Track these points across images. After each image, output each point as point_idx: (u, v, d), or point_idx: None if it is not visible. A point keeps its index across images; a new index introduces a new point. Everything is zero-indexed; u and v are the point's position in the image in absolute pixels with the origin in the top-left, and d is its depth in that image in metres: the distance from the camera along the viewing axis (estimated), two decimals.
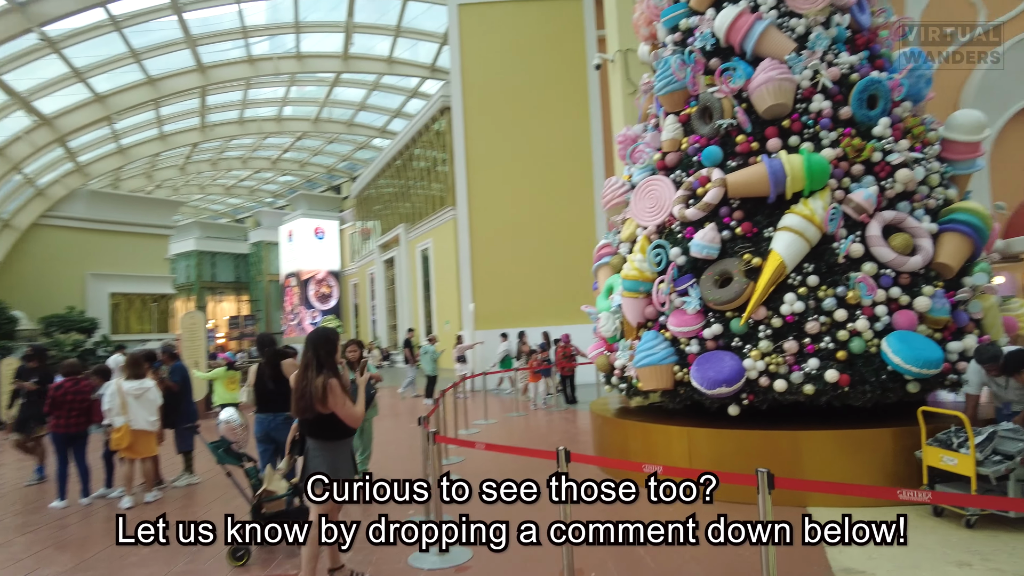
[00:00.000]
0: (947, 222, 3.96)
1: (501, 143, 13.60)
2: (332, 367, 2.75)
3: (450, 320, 17.22)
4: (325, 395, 2.67)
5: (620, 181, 5.34)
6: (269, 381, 4.09)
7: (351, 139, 28.93)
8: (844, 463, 3.55)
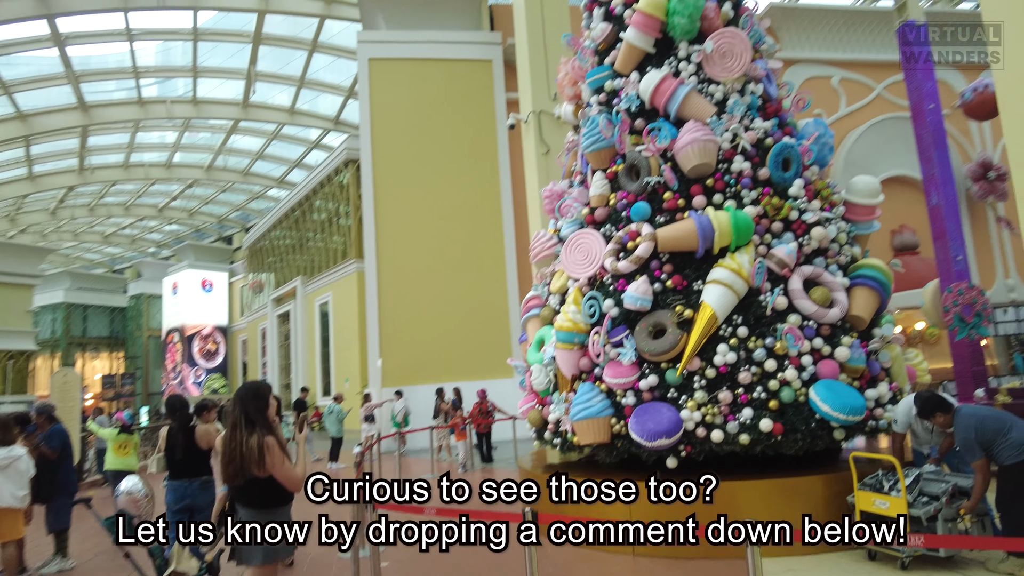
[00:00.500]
0: (856, 277, 4.25)
1: (411, 197, 13.51)
2: (266, 424, 2.46)
3: (350, 378, 16.52)
4: (262, 456, 2.36)
5: (548, 234, 5.38)
6: (180, 448, 3.65)
7: (246, 188, 27.88)
8: (781, 510, 3.59)
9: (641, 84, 4.88)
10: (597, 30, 5.38)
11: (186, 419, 3.74)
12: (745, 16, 5.10)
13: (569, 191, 5.39)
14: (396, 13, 14.56)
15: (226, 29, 19.10)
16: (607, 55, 5.37)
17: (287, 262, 23.15)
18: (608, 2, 5.47)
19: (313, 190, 20.04)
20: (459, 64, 14.19)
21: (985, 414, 3.35)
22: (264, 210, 28.65)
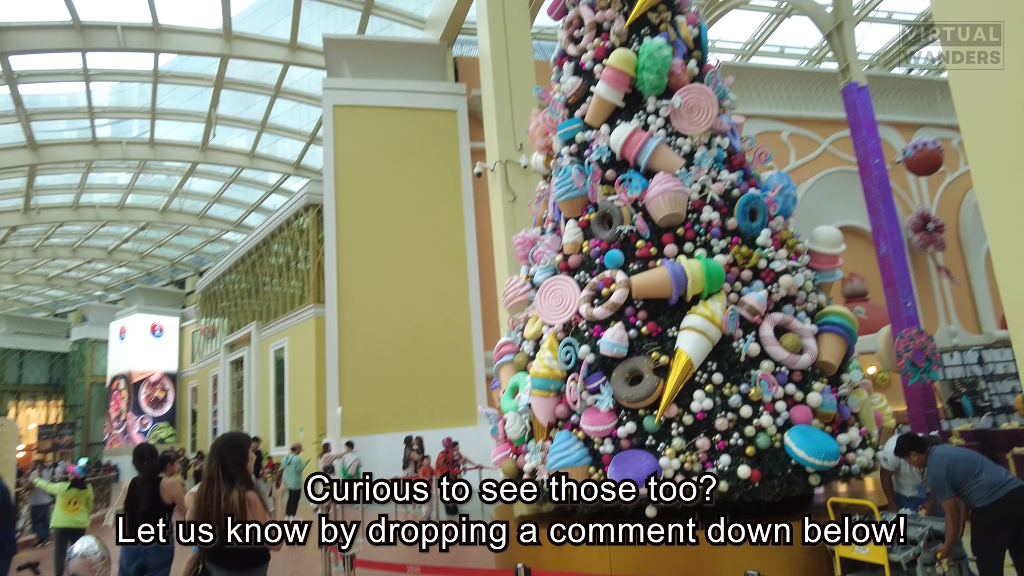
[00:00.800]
0: (824, 324, 4.37)
1: (374, 242, 13.45)
2: (246, 478, 2.35)
3: (305, 427, 16.03)
4: (244, 513, 2.25)
5: (521, 280, 5.40)
6: (145, 501, 3.44)
7: (201, 232, 27.33)
8: (758, 559, 3.59)
9: (612, 136, 5.02)
10: (568, 84, 5.53)
11: (154, 470, 3.54)
12: (710, 73, 5.34)
13: (542, 238, 5.44)
14: (361, 62, 14.76)
15: (187, 72, 19.01)
16: (577, 108, 5.52)
17: (242, 307, 22.60)
18: (578, 57, 5.65)
19: (271, 234, 19.76)
20: (424, 113, 14.39)
21: (958, 455, 3.45)
22: (219, 254, 28.06)
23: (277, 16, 36.66)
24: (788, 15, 16.37)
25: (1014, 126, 3.18)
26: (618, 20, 5.37)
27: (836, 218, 15.09)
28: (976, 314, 16.02)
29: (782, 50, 18.70)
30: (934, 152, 12.56)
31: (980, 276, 16.10)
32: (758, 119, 15.82)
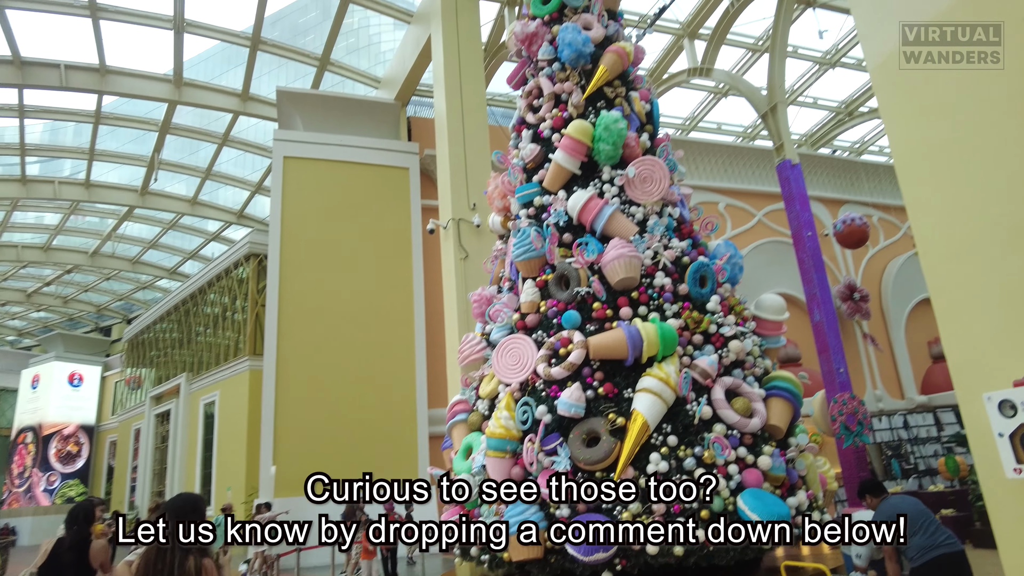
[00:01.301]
0: (771, 388, 4.54)
1: (318, 295, 13.20)
2: (201, 545, 2.22)
3: (232, 486, 15.20)
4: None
5: (477, 338, 5.41)
6: (69, 568, 3.16)
7: (133, 278, 26.25)
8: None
9: (569, 202, 5.19)
10: (527, 150, 5.72)
11: (86, 534, 3.27)
12: (661, 146, 5.63)
13: (499, 296, 5.50)
14: (314, 116, 14.81)
15: (130, 115, 18.62)
16: (535, 173, 5.70)
17: (172, 357, 21.59)
18: (536, 125, 5.88)
19: (208, 282, 19.14)
20: (375, 169, 14.46)
21: (907, 509, 3.59)
22: (151, 301, 26.91)
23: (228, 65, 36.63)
24: (726, 95, 17.48)
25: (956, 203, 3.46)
26: (576, 92, 5.64)
27: (770, 286, 15.78)
28: (899, 380, 16.85)
29: (719, 127, 19.86)
30: (861, 227, 13.44)
31: (901, 344, 17.03)
32: (697, 190, 16.58)
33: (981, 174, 3.32)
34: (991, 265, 3.18)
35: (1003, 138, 3.21)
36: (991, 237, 3.20)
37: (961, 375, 3.37)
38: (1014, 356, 3.05)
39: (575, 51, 5.57)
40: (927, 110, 3.57)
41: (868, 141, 21.04)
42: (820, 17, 14.53)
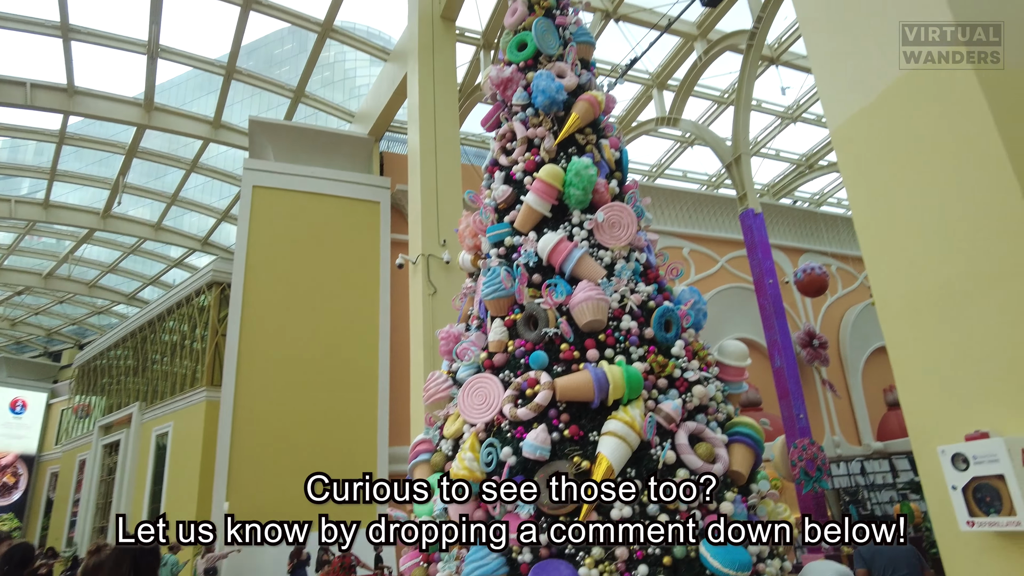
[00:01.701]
0: (733, 434, 4.59)
1: (281, 327, 13.00)
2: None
3: None
4: None
5: (443, 376, 5.37)
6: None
7: (89, 302, 25.49)
8: None
9: (539, 243, 5.25)
10: (499, 191, 5.79)
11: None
12: (629, 193, 5.76)
13: (466, 334, 5.49)
14: (286, 147, 14.81)
15: (96, 136, 18.33)
16: (507, 214, 5.76)
17: (124, 385, 20.87)
18: (509, 167, 5.97)
19: (168, 309, 18.68)
20: (346, 201, 14.46)
21: (886, 551, 3.67)
22: (106, 326, 26.12)
23: (201, 92, 36.47)
24: (692, 144, 18.03)
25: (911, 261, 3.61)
26: (548, 138, 5.76)
27: (732, 330, 16.10)
28: (856, 426, 17.20)
29: (685, 174, 20.43)
30: (821, 276, 13.87)
31: (858, 391, 17.44)
32: (663, 235, 16.97)
33: (935, 234, 3.48)
34: (944, 322, 3.32)
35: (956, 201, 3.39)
36: (944, 295, 3.35)
37: (916, 428, 3.48)
38: (966, 411, 3.17)
39: (548, 98, 5.71)
40: (884, 171, 3.75)
41: (827, 193, 21.85)
42: (783, 74, 15.22)
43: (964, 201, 3.29)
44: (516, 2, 6.30)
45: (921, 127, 3.48)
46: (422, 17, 11.69)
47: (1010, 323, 3.08)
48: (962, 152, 3.28)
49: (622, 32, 13.78)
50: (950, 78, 3.31)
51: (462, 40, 13.67)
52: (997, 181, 3.10)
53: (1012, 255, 3.04)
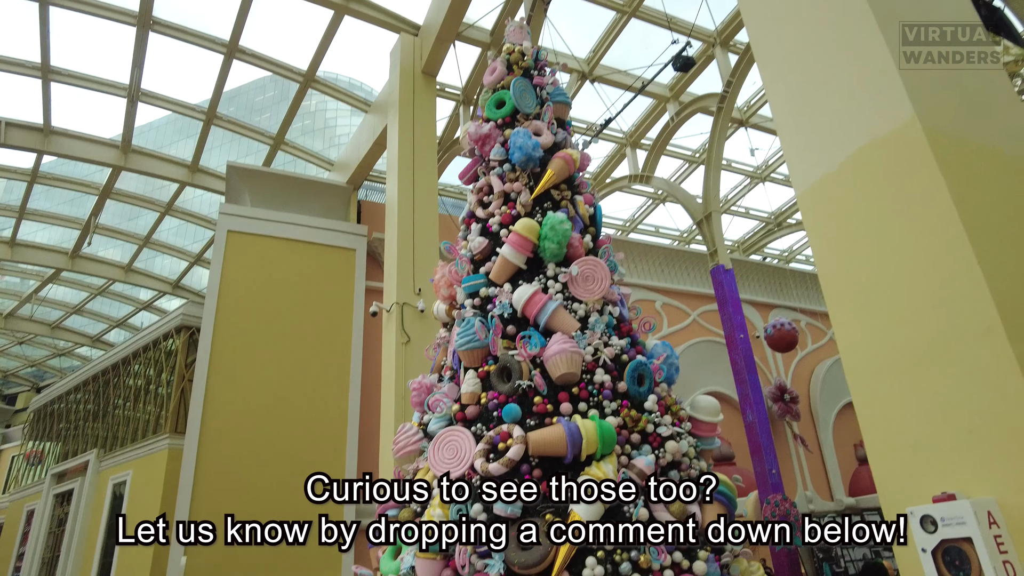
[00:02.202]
0: None
1: (251, 373, 12.75)
2: None
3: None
4: None
5: (414, 428, 5.30)
6: None
7: (50, 343, 24.77)
8: None
9: (514, 295, 5.29)
10: (475, 242, 5.86)
11: None
12: (603, 248, 5.87)
13: (439, 386, 5.45)
14: (264, 193, 14.82)
15: (69, 176, 18.17)
16: (482, 265, 5.82)
17: (82, 431, 20.13)
18: (485, 220, 6.06)
19: (134, 353, 18.23)
20: (321, 248, 14.43)
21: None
22: (68, 369, 25.34)
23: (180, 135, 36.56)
24: (664, 201, 18.48)
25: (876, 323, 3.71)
26: (524, 192, 5.87)
27: (704, 383, 16.18)
28: (828, 481, 17.21)
29: (657, 229, 20.86)
30: (791, 332, 14.10)
31: (829, 446, 17.53)
32: (636, 288, 17.19)
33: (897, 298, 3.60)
34: (908, 383, 3.40)
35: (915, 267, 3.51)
36: (907, 357, 3.44)
37: (885, 489, 3.51)
38: (933, 472, 3.21)
39: (525, 155, 5.85)
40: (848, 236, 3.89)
41: (796, 250, 22.43)
42: (752, 135, 15.79)
43: (923, 267, 3.42)
44: (495, 62, 6.51)
45: (881, 196, 3.64)
46: (403, 71, 11.98)
47: (971, 385, 3.16)
48: (919, 220, 3.43)
49: (597, 92, 14.25)
50: (908, 149, 3.48)
51: (442, 95, 13.99)
52: (952, 248, 3.24)
53: (969, 319, 3.15)
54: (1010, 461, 2.96)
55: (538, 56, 6.58)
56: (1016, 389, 2.93)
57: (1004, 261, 3.21)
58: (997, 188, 3.52)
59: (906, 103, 3.47)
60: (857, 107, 3.88)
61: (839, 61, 4.14)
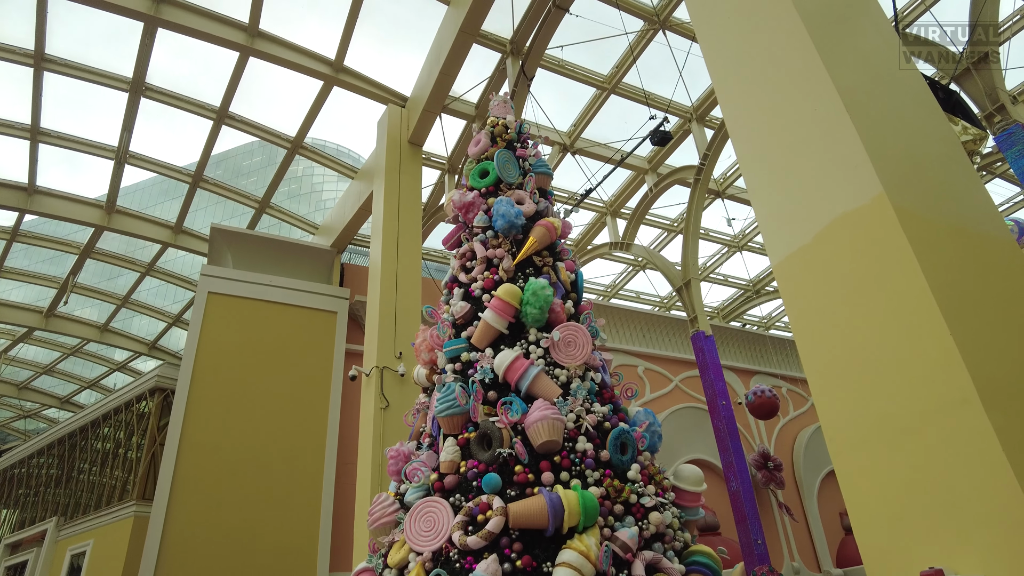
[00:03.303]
0: (691, 564, 4.46)
1: (225, 438, 12.42)
2: None
3: None
4: None
5: (390, 499, 5.15)
6: None
7: (15, 404, 23.98)
8: None
9: (496, 360, 5.26)
10: (457, 307, 5.88)
11: None
12: (584, 314, 5.91)
13: (417, 453, 5.35)
14: (246, 255, 14.83)
15: (51, 235, 18.07)
16: (464, 329, 5.82)
17: (43, 497, 19.25)
18: (468, 284, 6.10)
19: (104, 415, 17.68)
20: (302, 311, 14.35)
21: None
22: (32, 431, 24.46)
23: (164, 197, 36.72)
24: (644, 268, 18.75)
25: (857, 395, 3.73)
26: (507, 259, 5.94)
27: (687, 450, 16.01)
28: (815, 551, 16.87)
29: (638, 295, 21.08)
30: (771, 399, 14.11)
31: (814, 514, 17.26)
32: (617, 353, 17.20)
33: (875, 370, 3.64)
34: (890, 456, 3.40)
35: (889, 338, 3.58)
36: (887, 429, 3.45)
37: (871, 563, 3.46)
38: (918, 546, 3.17)
39: (507, 222, 5.96)
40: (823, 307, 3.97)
41: (775, 317, 22.71)
42: (729, 206, 16.23)
43: (897, 339, 3.48)
44: (480, 134, 6.71)
45: (855, 268, 3.74)
46: (390, 141, 12.26)
47: (950, 456, 3.17)
48: (893, 293, 3.52)
49: (579, 164, 14.66)
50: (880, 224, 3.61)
51: (427, 164, 14.31)
52: (925, 321, 3.31)
53: (945, 390, 3.19)
54: (994, 534, 2.93)
55: (521, 129, 6.80)
56: (994, 460, 2.94)
57: (976, 333, 3.28)
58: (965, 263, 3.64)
59: (875, 180, 3.62)
60: (829, 182, 4.03)
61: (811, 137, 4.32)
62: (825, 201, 4.03)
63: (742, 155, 4.98)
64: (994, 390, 3.09)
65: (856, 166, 3.71)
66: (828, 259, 3.90)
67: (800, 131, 4.45)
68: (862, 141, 3.71)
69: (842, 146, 3.90)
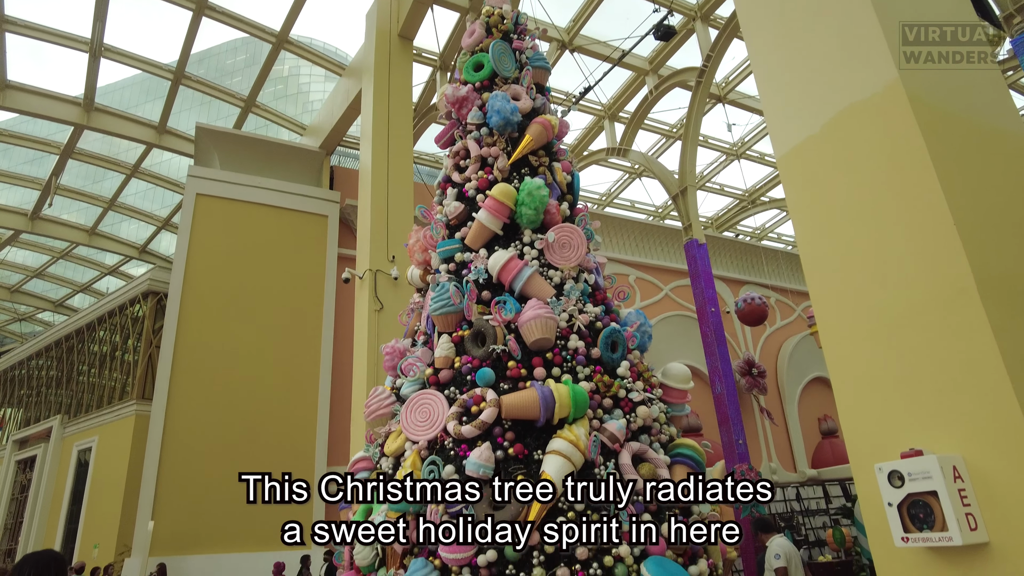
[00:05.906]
0: (676, 455, 4.62)
1: (219, 340, 12.55)
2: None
3: (100, 543, 13.78)
4: None
5: (386, 392, 5.25)
6: None
7: (9, 307, 24.07)
8: None
9: (490, 261, 5.23)
10: (451, 207, 5.77)
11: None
12: (580, 216, 5.81)
13: (412, 350, 5.40)
14: (233, 156, 14.45)
15: (28, 134, 17.49)
16: (458, 230, 5.74)
17: (45, 397, 19.71)
18: (461, 184, 5.96)
19: (99, 319, 17.81)
20: (293, 214, 14.16)
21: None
22: (29, 334, 24.70)
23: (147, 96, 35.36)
24: (640, 176, 18.46)
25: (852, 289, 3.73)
26: (502, 157, 5.78)
27: (675, 357, 16.37)
28: (792, 453, 17.65)
29: (633, 204, 20.88)
30: (761, 306, 14.29)
31: (794, 419, 17.94)
32: (610, 261, 17.23)
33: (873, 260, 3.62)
34: (881, 345, 3.44)
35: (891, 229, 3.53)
36: (880, 319, 3.48)
37: (855, 446, 3.57)
38: (902, 430, 3.27)
39: (503, 119, 5.74)
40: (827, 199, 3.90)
41: (768, 228, 22.67)
42: (729, 112, 15.79)
43: (899, 230, 3.44)
44: (474, 24, 6.35)
45: (861, 158, 3.64)
46: (379, 35, 11.67)
47: (943, 347, 3.21)
48: (898, 182, 3.44)
49: (576, 62, 14.07)
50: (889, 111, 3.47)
51: (419, 60, 13.70)
52: (930, 212, 3.26)
53: (945, 281, 3.18)
54: (975, 418, 3.02)
55: (518, 20, 6.42)
56: (985, 350, 2.98)
57: (981, 226, 3.24)
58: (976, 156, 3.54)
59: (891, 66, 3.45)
60: (843, 69, 3.85)
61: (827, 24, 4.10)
62: (837, 88, 3.87)
63: (752, 41, 4.74)
64: (993, 282, 3.09)
65: (870, 49, 3.53)
66: (835, 150, 3.79)
67: (816, 17, 4.22)
68: (878, 19, 3.51)
69: (858, 27, 3.70)
